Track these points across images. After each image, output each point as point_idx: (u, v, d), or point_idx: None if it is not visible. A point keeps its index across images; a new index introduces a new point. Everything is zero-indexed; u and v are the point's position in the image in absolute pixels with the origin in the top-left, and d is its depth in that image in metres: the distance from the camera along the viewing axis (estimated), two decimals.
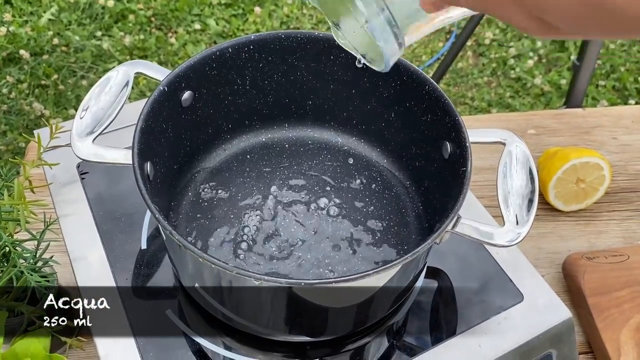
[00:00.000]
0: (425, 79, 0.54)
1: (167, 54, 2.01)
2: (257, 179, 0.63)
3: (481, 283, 0.59)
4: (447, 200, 0.53)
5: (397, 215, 0.61)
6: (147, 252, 0.58)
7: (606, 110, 0.94)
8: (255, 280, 0.41)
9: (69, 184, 0.63)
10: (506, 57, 2.09)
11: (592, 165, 0.77)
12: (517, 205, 0.47)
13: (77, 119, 0.50)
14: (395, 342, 0.58)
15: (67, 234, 0.59)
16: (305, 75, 0.62)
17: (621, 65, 2.06)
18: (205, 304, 0.52)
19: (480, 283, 0.59)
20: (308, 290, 0.44)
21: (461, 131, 0.51)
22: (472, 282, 0.59)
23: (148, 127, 0.50)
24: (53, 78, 1.88)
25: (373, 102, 0.62)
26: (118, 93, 0.53)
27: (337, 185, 0.63)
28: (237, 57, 0.58)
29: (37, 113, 1.80)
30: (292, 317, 0.48)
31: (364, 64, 0.39)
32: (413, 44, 2.13)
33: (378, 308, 0.51)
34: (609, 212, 0.81)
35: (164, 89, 0.52)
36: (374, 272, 0.42)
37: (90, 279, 0.56)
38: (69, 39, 2.00)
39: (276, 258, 0.56)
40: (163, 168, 0.55)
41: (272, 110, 0.64)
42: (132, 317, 0.54)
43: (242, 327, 0.52)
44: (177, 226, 0.58)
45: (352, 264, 0.56)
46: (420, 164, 0.60)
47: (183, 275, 0.52)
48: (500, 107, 1.95)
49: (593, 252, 0.73)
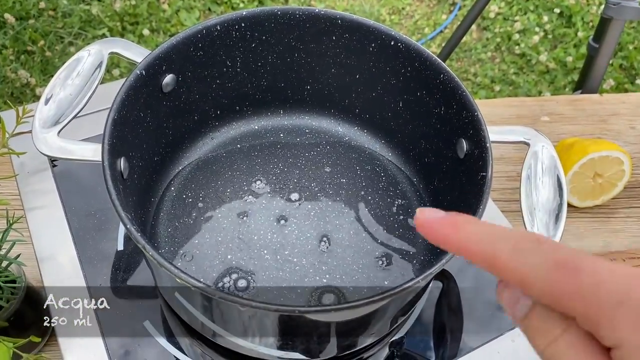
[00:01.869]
0: (441, 67, 0.48)
1: (159, 21, 1.92)
2: (248, 171, 0.56)
3: (492, 293, 0.54)
4: (460, 204, 0.47)
5: (402, 215, 0.55)
6: (124, 254, 0.52)
7: (625, 97, 0.88)
8: (241, 307, 0.35)
9: (38, 173, 0.56)
10: (511, 31, 2.01)
11: (612, 159, 0.71)
12: (544, 224, 0.41)
13: (39, 108, 0.43)
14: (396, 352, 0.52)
15: (34, 230, 0.53)
16: (303, 57, 0.55)
17: (629, 44, 1.99)
18: (188, 318, 0.46)
19: (492, 293, 0.54)
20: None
21: (480, 129, 0.44)
22: (483, 292, 0.54)
23: (122, 118, 0.43)
24: (39, 44, 1.79)
25: (379, 90, 0.55)
26: (89, 77, 0.46)
27: (337, 180, 0.57)
28: (226, 35, 0.51)
29: (22, 81, 1.72)
30: (285, 338, 0.42)
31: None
32: (415, 16, 2.05)
33: (379, 327, 0.45)
34: (627, 209, 0.76)
35: (142, 73, 0.45)
36: (379, 298, 0.36)
37: (60, 281, 0.50)
38: (56, 3, 1.91)
39: (267, 263, 0.50)
40: (141, 162, 0.48)
41: (266, 95, 0.58)
42: (105, 327, 0.48)
43: (229, 344, 0.46)
44: (157, 225, 0.52)
45: (352, 270, 0.51)
46: (430, 161, 0.54)
47: (162, 286, 0.46)
48: (503, 83, 1.88)
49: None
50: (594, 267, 0.22)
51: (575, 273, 0.22)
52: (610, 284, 0.21)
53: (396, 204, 0.55)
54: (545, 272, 0.23)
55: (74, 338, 0.48)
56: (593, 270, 0.22)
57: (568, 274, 0.22)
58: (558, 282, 0.22)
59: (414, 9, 2.10)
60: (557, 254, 0.23)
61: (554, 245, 0.23)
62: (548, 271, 0.23)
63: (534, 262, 0.23)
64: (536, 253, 0.23)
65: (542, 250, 0.23)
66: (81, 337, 0.48)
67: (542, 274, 0.23)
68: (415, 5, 2.12)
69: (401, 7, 2.09)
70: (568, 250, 0.23)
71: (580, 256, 0.22)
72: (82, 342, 0.48)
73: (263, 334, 0.42)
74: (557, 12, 2.07)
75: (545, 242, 0.24)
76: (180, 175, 0.55)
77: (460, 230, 0.26)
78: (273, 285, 0.49)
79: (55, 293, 0.50)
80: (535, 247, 0.23)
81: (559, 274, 0.22)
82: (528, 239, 0.24)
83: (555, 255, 0.23)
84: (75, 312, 0.49)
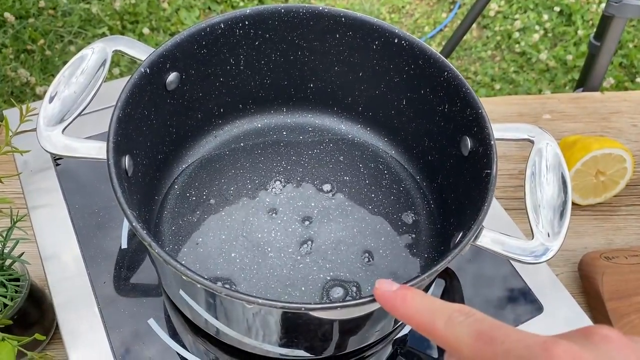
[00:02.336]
0: (445, 65, 0.48)
1: (159, 20, 1.92)
2: (251, 169, 0.56)
3: (496, 291, 0.54)
4: (465, 202, 0.48)
5: (406, 213, 0.55)
6: (127, 251, 0.52)
7: (626, 95, 0.88)
8: (247, 304, 0.35)
9: (41, 172, 0.56)
10: (511, 30, 2.01)
11: (615, 157, 0.71)
12: (548, 221, 0.41)
13: (44, 106, 0.43)
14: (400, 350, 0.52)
15: (38, 229, 0.53)
16: (306, 55, 0.55)
17: (629, 42, 1.99)
18: (192, 315, 0.46)
19: (495, 291, 0.54)
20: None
21: (485, 127, 0.44)
22: (485, 289, 0.54)
23: (127, 116, 0.43)
24: (39, 43, 1.79)
25: (382, 87, 0.55)
26: (93, 75, 0.46)
27: (340, 178, 0.57)
28: (230, 33, 0.51)
29: (22, 80, 1.72)
30: (289, 336, 0.42)
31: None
32: (415, 14, 2.05)
33: (383, 325, 0.45)
34: (628, 207, 0.76)
35: (146, 71, 0.45)
36: None
37: (64, 280, 0.50)
38: (56, 2, 1.90)
39: (271, 261, 0.50)
40: (145, 160, 0.48)
41: (269, 93, 0.58)
42: (109, 325, 0.48)
43: (233, 342, 0.46)
44: (161, 223, 0.52)
45: (357, 269, 0.51)
46: (433, 158, 0.54)
47: (167, 283, 0.46)
48: (503, 82, 1.88)
49: (612, 251, 0.68)
50: (504, 337, 0.26)
51: (491, 342, 0.27)
52: (517, 351, 0.26)
53: (400, 202, 0.55)
54: (470, 340, 0.27)
55: (78, 335, 0.48)
56: (504, 339, 0.26)
57: (486, 343, 0.27)
58: (479, 349, 0.27)
59: (414, 8, 2.10)
60: (479, 325, 0.28)
61: (479, 317, 0.28)
62: (473, 340, 0.27)
63: (461, 332, 0.28)
64: (464, 325, 0.28)
65: (469, 323, 0.28)
66: (85, 335, 0.48)
67: (468, 342, 0.28)
68: (415, 3, 2.12)
69: (401, 5, 2.09)
70: (490, 322, 0.28)
71: (496, 327, 0.27)
72: (86, 339, 0.48)
73: (267, 332, 0.42)
74: (557, 11, 2.07)
75: (474, 315, 0.28)
76: (184, 174, 0.55)
77: (407, 303, 0.31)
78: (278, 282, 0.49)
79: (59, 291, 0.50)
80: (464, 320, 0.28)
81: (479, 343, 0.27)
82: (460, 312, 0.29)
83: (478, 326, 0.28)
84: (79, 310, 0.49)
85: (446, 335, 0.29)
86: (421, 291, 0.32)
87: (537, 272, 0.54)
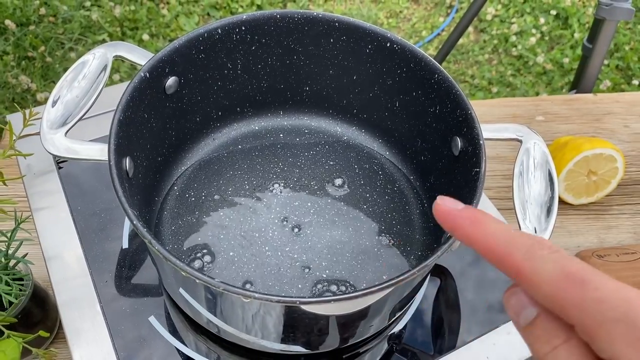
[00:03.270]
0: (435, 67, 0.49)
1: (158, 26, 1.94)
2: (249, 171, 0.58)
3: (488, 286, 0.55)
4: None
5: (400, 212, 0.56)
6: (128, 251, 0.54)
7: (619, 96, 0.89)
8: (244, 298, 0.36)
9: (44, 175, 0.58)
10: (508, 33, 2.03)
11: (606, 157, 0.72)
12: (536, 217, 0.43)
13: (47, 110, 0.45)
14: (395, 346, 0.54)
15: (41, 230, 0.54)
16: (302, 59, 0.57)
17: (625, 44, 2.00)
18: (192, 312, 0.48)
19: (488, 286, 0.55)
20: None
21: (474, 127, 0.46)
22: (478, 284, 0.55)
23: (127, 119, 0.44)
24: (40, 50, 1.81)
25: (376, 90, 0.57)
26: (94, 79, 0.48)
27: (336, 179, 0.58)
28: (227, 39, 0.52)
29: (23, 86, 1.74)
30: (286, 331, 0.44)
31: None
32: (412, 19, 2.07)
33: (378, 319, 0.47)
34: (620, 206, 0.77)
35: (146, 76, 0.46)
36: (377, 289, 0.37)
37: (67, 280, 0.52)
38: (56, 9, 1.92)
39: (269, 259, 0.52)
40: (145, 162, 0.50)
41: (266, 96, 0.59)
42: (111, 323, 0.50)
43: (231, 338, 0.48)
44: (161, 224, 0.53)
45: (351, 266, 0.52)
46: (426, 158, 0.55)
47: (167, 281, 0.48)
48: (501, 85, 1.90)
49: (604, 249, 0.69)
50: (599, 283, 0.23)
51: (581, 285, 0.23)
52: (612, 302, 0.22)
53: (394, 201, 0.57)
54: (554, 278, 0.24)
55: (81, 333, 0.49)
56: (598, 286, 0.23)
57: (575, 284, 0.23)
58: (565, 290, 0.24)
59: (412, 12, 2.12)
60: (568, 264, 0.24)
61: (566, 256, 0.25)
62: (557, 278, 0.24)
63: (545, 267, 0.24)
64: (549, 260, 0.25)
65: (554, 258, 0.25)
66: (88, 333, 0.49)
67: (551, 280, 0.24)
68: (413, 8, 2.13)
69: (399, 10, 2.11)
70: (579, 263, 0.24)
71: (589, 271, 0.24)
72: (89, 337, 0.49)
73: (264, 328, 0.44)
74: (553, 14, 2.09)
75: (558, 251, 0.25)
76: (184, 176, 0.57)
77: (480, 225, 0.27)
78: (275, 280, 0.51)
79: (62, 290, 0.51)
80: (548, 255, 0.25)
81: (566, 283, 0.24)
82: (543, 245, 0.25)
83: (566, 265, 0.24)
84: (82, 308, 0.51)
85: (524, 266, 0.25)
86: (492, 215, 0.28)
87: None
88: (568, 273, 0.24)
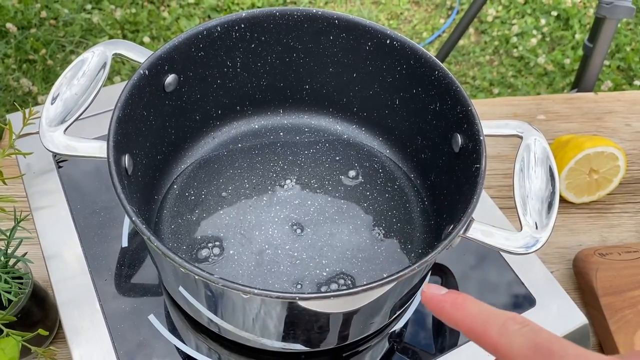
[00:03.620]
0: (435, 64, 0.49)
1: (159, 29, 1.94)
2: (249, 169, 0.58)
3: (489, 284, 0.55)
4: (456, 197, 0.49)
5: (400, 211, 0.56)
6: (128, 250, 0.54)
7: (620, 95, 0.89)
8: (243, 294, 0.36)
9: (44, 174, 0.58)
10: (509, 35, 2.03)
11: (607, 155, 0.72)
12: (536, 211, 0.42)
13: (46, 107, 0.45)
14: (396, 345, 0.53)
15: (41, 229, 0.54)
16: (302, 57, 0.56)
17: (627, 45, 2.00)
18: (191, 311, 0.48)
19: (489, 284, 0.55)
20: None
21: (474, 123, 0.45)
22: (479, 282, 0.55)
23: (126, 116, 0.44)
24: (41, 53, 1.81)
25: (376, 88, 0.56)
26: (94, 77, 0.47)
27: (336, 177, 0.58)
28: (226, 36, 0.52)
29: (24, 89, 1.74)
30: (286, 328, 0.43)
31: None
32: (413, 20, 2.07)
33: (379, 317, 0.46)
34: (622, 205, 0.77)
35: (145, 73, 0.46)
36: (377, 285, 0.37)
37: (66, 279, 0.52)
38: (57, 12, 1.93)
39: (269, 258, 0.52)
40: (144, 160, 0.50)
41: (266, 95, 0.59)
42: (111, 321, 0.50)
43: (231, 336, 0.47)
44: (161, 222, 0.53)
45: (352, 264, 0.52)
46: (426, 156, 0.55)
47: (166, 279, 0.47)
48: (502, 86, 1.89)
49: (606, 247, 0.69)
50: (564, 352, 0.25)
51: (549, 355, 0.26)
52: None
53: (394, 199, 0.57)
54: (525, 352, 0.26)
55: (80, 332, 0.49)
56: (563, 354, 0.25)
57: (543, 355, 0.26)
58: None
59: (412, 14, 2.12)
60: (537, 337, 0.27)
61: (536, 328, 0.27)
62: (528, 351, 0.26)
63: (516, 341, 0.27)
64: (519, 334, 0.27)
65: (524, 332, 0.27)
66: (87, 331, 0.49)
67: (522, 353, 0.26)
68: (414, 10, 2.13)
69: (399, 12, 2.11)
70: (547, 334, 0.27)
71: (554, 341, 0.26)
72: (88, 335, 0.49)
73: (265, 325, 0.43)
74: (554, 15, 2.09)
75: (529, 324, 0.27)
76: (183, 174, 0.56)
77: (459, 308, 0.30)
78: (275, 278, 0.51)
79: (62, 289, 0.51)
80: (519, 329, 0.27)
81: (536, 355, 0.26)
82: (514, 321, 0.28)
83: (535, 338, 0.27)
84: (81, 307, 0.50)
85: (499, 343, 0.27)
86: (471, 296, 0.31)
87: (529, 266, 0.56)
88: (536, 344, 0.26)
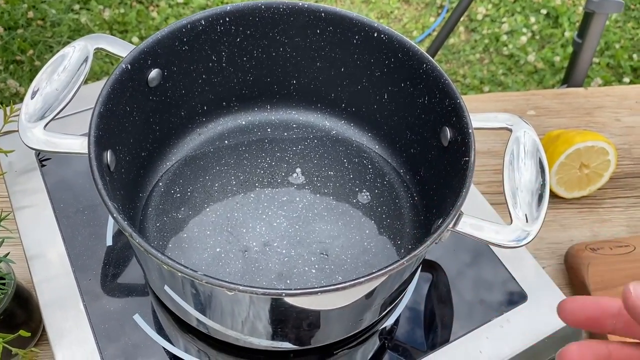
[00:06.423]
0: (423, 57, 0.49)
1: (148, 29, 1.93)
2: (236, 166, 0.57)
3: (481, 281, 0.54)
4: (446, 191, 0.48)
5: (390, 206, 0.55)
6: (113, 249, 0.53)
7: (610, 90, 0.89)
8: (228, 290, 0.35)
9: (26, 173, 0.56)
10: (499, 33, 2.03)
11: (598, 149, 0.71)
12: (527, 204, 0.42)
13: (26, 102, 0.44)
14: (387, 342, 0.53)
15: (23, 229, 0.53)
16: (288, 51, 0.56)
17: (616, 42, 2.00)
18: (177, 310, 0.47)
19: (480, 281, 0.54)
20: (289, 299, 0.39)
21: (463, 116, 0.45)
22: (471, 279, 0.54)
23: (108, 111, 0.43)
24: (28, 53, 1.79)
25: (364, 82, 0.56)
26: (75, 72, 0.46)
27: (325, 173, 0.57)
28: (211, 30, 0.51)
29: (12, 90, 1.72)
30: (274, 326, 0.43)
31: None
32: (403, 19, 2.07)
33: (369, 313, 0.46)
34: (613, 199, 0.76)
35: (127, 67, 0.45)
36: (365, 280, 0.36)
37: (49, 279, 0.50)
38: (44, 12, 1.91)
39: (256, 255, 0.51)
40: (128, 156, 0.49)
41: (252, 90, 0.58)
42: (95, 322, 0.49)
43: (218, 335, 0.47)
44: (146, 220, 0.52)
45: (341, 260, 0.51)
46: (415, 151, 0.54)
47: (151, 277, 0.46)
48: (492, 84, 1.89)
49: (597, 242, 0.69)
50: None
51: None
52: None
53: (384, 195, 0.56)
54: None
55: (64, 334, 0.48)
56: None
57: None
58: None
59: (402, 13, 2.11)
60: None
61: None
62: None
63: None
64: None
65: None
66: (71, 333, 0.48)
67: None
68: (404, 8, 2.13)
69: (389, 10, 2.10)
70: None
71: None
72: (72, 337, 0.48)
73: (252, 323, 0.43)
74: (543, 13, 2.09)
75: None
76: (169, 171, 0.55)
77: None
78: (263, 276, 0.50)
79: (45, 290, 0.50)
80: None
81: None
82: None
83: None
84: (64, 307, 0.49)
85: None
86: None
87: (520, 261, 0.55)
88: None
